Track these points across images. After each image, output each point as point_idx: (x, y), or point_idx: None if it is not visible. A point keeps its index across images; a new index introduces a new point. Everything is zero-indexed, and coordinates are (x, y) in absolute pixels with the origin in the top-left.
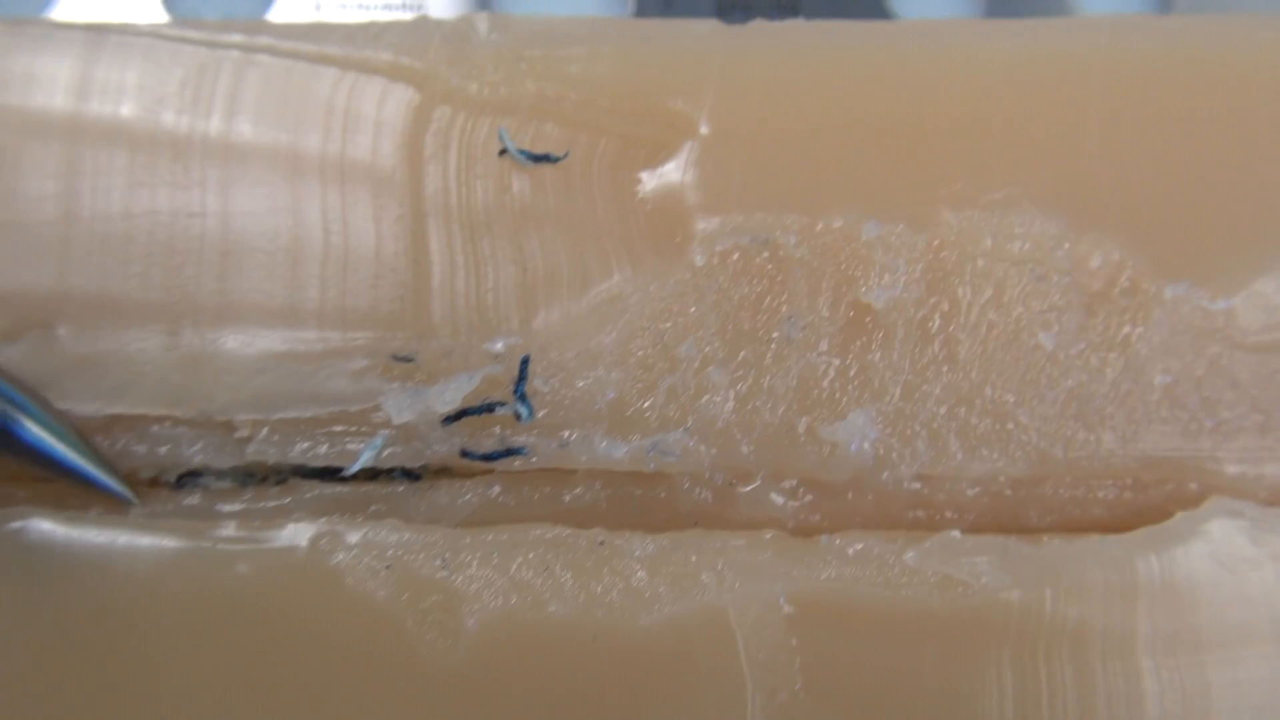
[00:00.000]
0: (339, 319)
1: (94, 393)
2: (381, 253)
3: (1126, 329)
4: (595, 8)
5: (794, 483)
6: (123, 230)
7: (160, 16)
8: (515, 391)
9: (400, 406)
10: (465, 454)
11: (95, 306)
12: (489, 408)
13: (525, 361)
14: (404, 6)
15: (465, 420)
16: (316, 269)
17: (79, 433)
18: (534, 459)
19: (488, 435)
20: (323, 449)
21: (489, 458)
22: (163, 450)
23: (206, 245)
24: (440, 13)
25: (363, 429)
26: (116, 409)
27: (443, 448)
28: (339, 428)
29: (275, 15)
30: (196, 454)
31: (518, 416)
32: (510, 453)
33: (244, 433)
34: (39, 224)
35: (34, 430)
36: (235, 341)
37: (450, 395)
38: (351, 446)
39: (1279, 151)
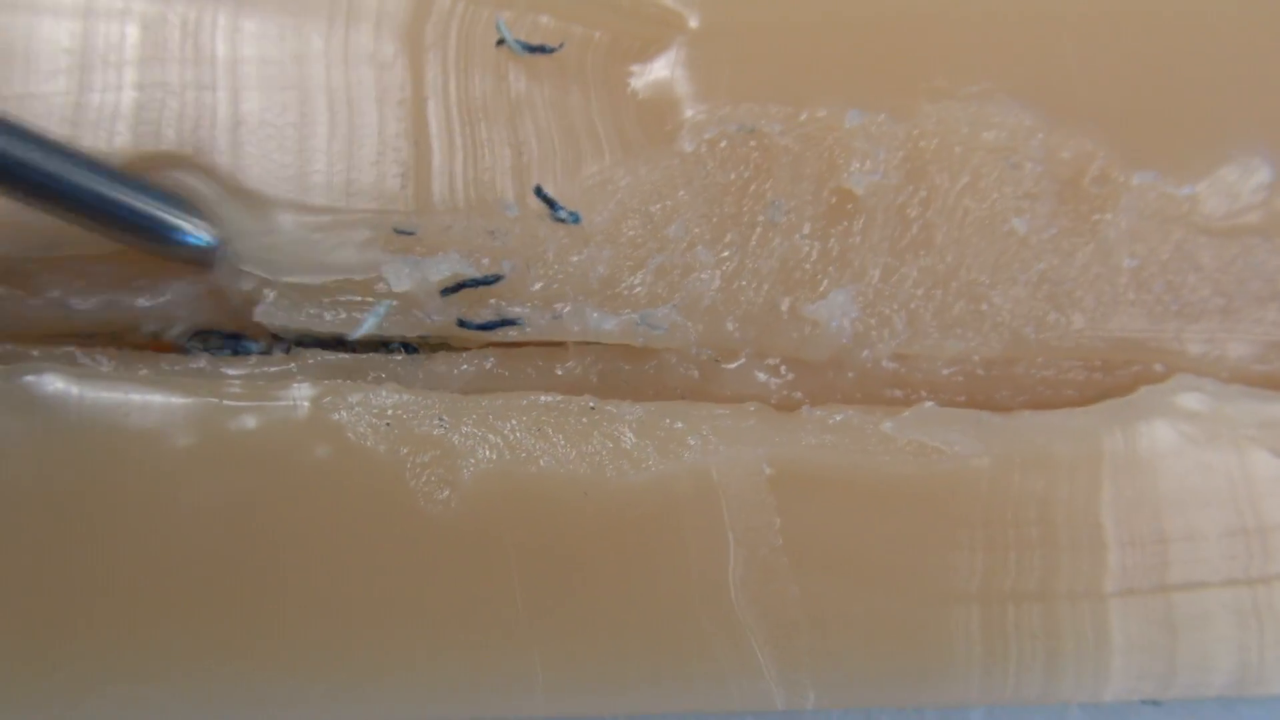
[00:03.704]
0: (344, 191)
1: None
2: (384, 133)
3: (1096, 215)
4: None
5: (777, 360)
6: (135, 99)
7: None
8: (554, 213)
9: (400, 275)
10: (463, 323)
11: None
12: (486, 280)
13: (540, 190)
14: None
15: (463, 292)
16: (323, 144)
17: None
18: (528, 329)
19: (484, 307)
20: (328, 315)
21: (485, 327)
22: (172, 305)
23: (218, 116)
24: None
25: (366, 299)
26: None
27: (441, 318)
28: (344, 296)
29: None
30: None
31: (569, 220)
32: (506, 323)
33: (252, 289)
34: (53, 94)
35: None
36: (245, 205)
37: (449, 266)
38: (356, 315)
39: (1241, 47)
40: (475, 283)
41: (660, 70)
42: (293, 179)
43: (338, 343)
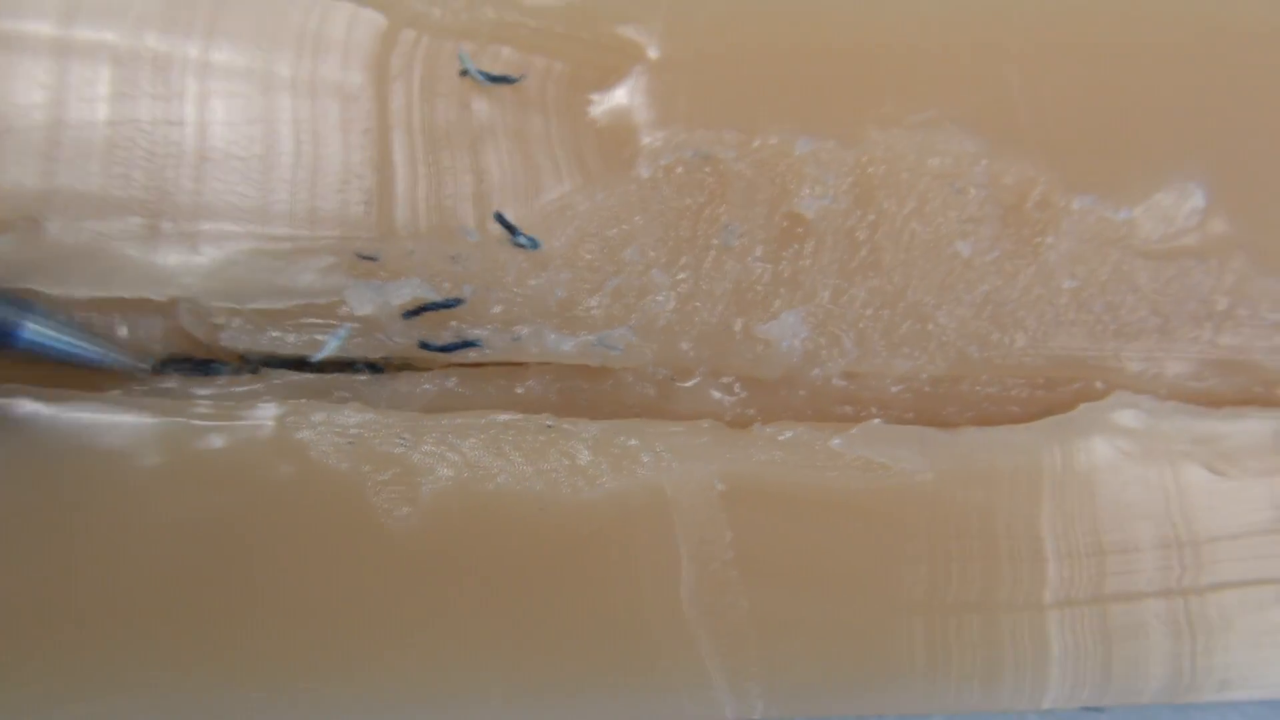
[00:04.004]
0: (308, 219)
1: (79, 280)
2: (349, 161)
3: (1038, 238)
4: None
5: (731, 379)
6: (106, 136)
7: None
8: (514, 238)
9: (362, 299)
10: (424, 345)
11: (80, 203)
12: (446, 304)
13: (500, 215)
14: None
15: (424, 316)
16: (287, 174)
17: (78, 322)
18: (488, 350)
19: (445, 329)
20: (291, 338)
21: (446, 349)
22: (142, 336)
23: (185, 150)
24: None
25: (329, 321)
26: (98, 294)
27: (403, 340)
28: (307, 320)
29: None
30: (168, 342)
31: (528, 245)
32: (466, 344)
33: (218, 320)
34: (28, 128)
35: (36, 329)
36: (211, 237)
37: (410, 290)
38: (319, 337)
39: (1177, 77)
40: (436, 306)
41: (619, 98)
42: (256, 209)
43: (304, 363)
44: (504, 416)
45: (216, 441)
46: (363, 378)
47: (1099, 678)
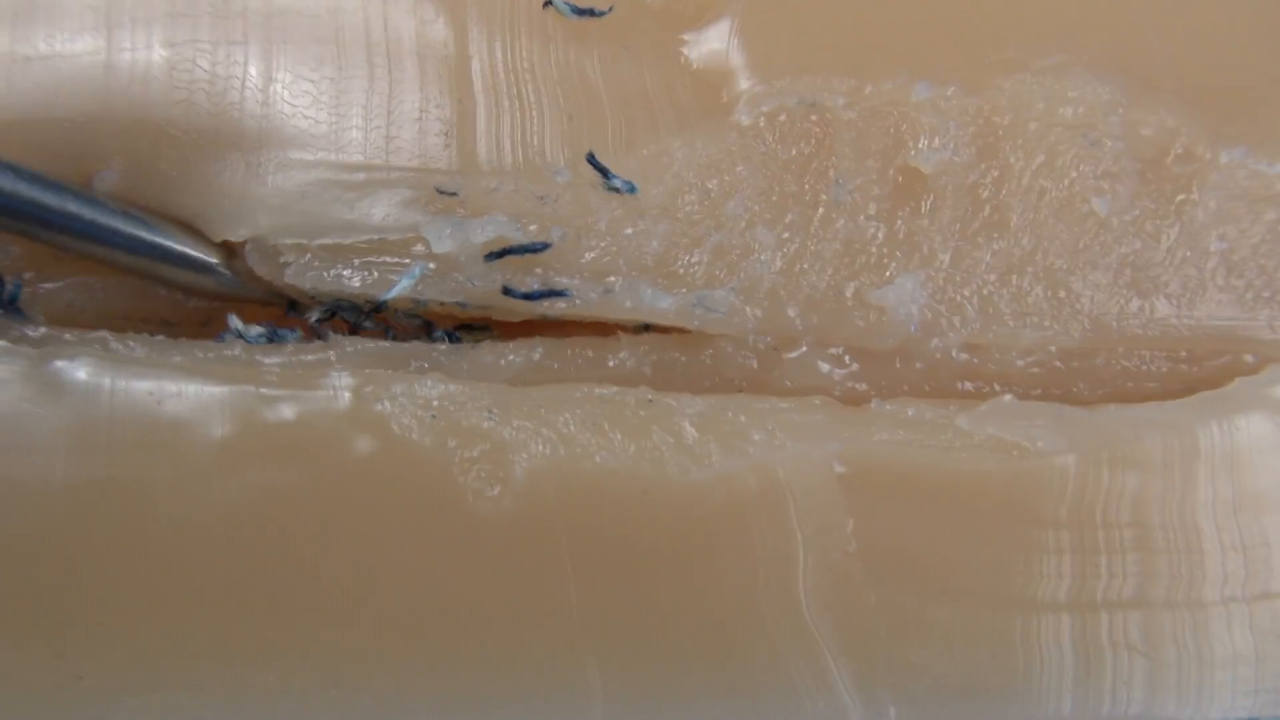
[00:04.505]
0: (383, 148)
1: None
2: (426, 90)
3: (1181, 195)
4: None
5: (840, 350)
6: (165, 59)
7: None
8: (608, 181)
9: (441, 235)
10: (508, 291)
11: (139, 134)
12: (533, 248)
13: (592, 157)
14: None
15: (508, 260)
16: (360, 99)
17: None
18: (578, 302)
19: (531, 276)
20: (359, 278)
21: (531, 297)
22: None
23: (250, 73)
24: None
25: (402, 260)
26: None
27: (483, 284)
28: (378, 258)
29: None
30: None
31: (624, 189)
32: (553, 294)
33: (287, 258)
34: (81, 54)
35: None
36: (280, 166)
37: (494, 228)
38: (391, 278)
39: None
40: (522, 249)
41: (714, 39)
42: (328, 136)
43: (374, 310)
44: (600, 390)
45: (288, 412)
46: (442, 347)
47: (1276, 684)
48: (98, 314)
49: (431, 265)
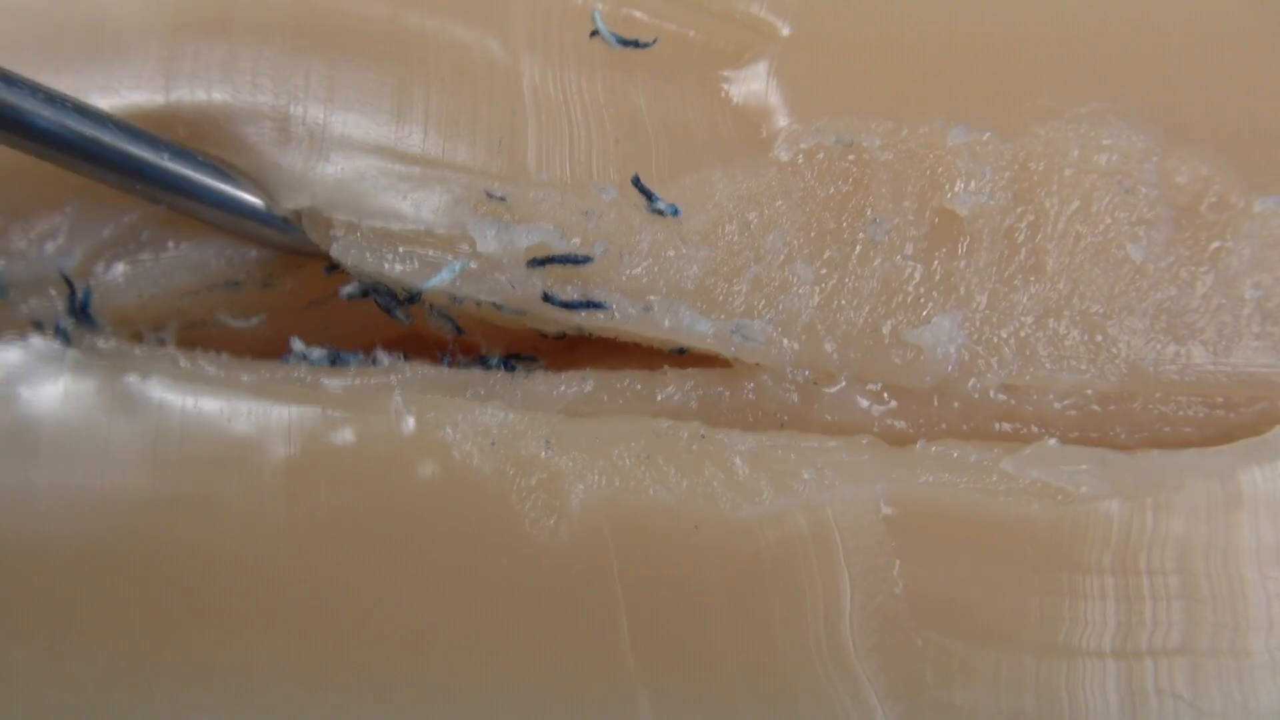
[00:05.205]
0: (440, 147)
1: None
2: (480, 100)
3: (1216, 242)
4: None
5: (878, 386)
6: (228, 51)
7: None
8: (651, 204)
9: (487, 236)
10: (547, 298)
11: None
12: (575, 259)
13: (637, 179)
14: None
15: (550, 268)
16: (421, 101)
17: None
18: (617, 315)
19: (571, 286)
20: (401, 266)
21: (571, 305)
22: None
23: (314, 66)
24: None
25: (445, 255)
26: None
27: (523, 288)
28: (423, 249)
29: None
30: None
31: (668, 212)
32: (592, 305)
33: (337, 232)
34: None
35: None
36: (342, 147)
37: (538, 235)
38: (431, 271)
39: None
40: (564, 259)
41: (755, 77)
42: (388, 128)
43: (411, 299)
44: (653, 423)
45: (352, 435)
46: (497, 375)
47: None
48: (164, 308)
49: (473, 264)
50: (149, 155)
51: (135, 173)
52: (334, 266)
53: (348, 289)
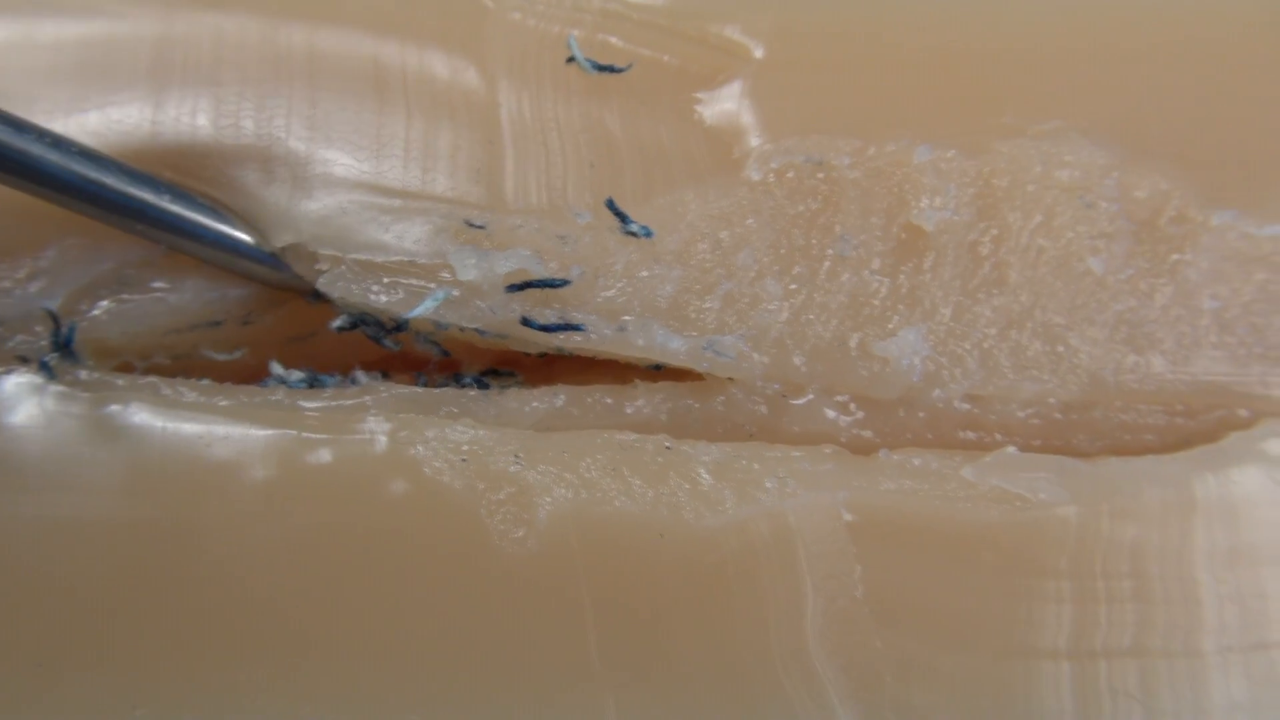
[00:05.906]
0: (419, 179)
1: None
2: (459, 130)
3: (1175, 255)
4: None
5: (846, 398)
6: (213, 93)
7: None
8: (625, 226)
9: (466, 264)
10: (526, 322)
11: (186, 153)
12: (552, 283)
13: (611, 203)
14: None
15: (529, 292)
16: (400, 133)
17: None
18: (593, 336)
19: (549, 310)
20: (386, 296)
21: (549, 329)
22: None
23: (295, 103)
24: None
25: (428, 285)
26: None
27: (503, 314)
28: (407, 279)
29: None
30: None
31: (641, 233)
32: (570, 327)
33: (323, 265)
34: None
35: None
36: (325, 184)
37: (516, 261)
38: (415, 300)
39: None
40: (542, 284)
41: (727, 98)
42: (369, 163)
43: (398, 327)
44: (621, 436)
45: (328, 455)
46: (471, 393)
47: None
48: (149, 344)
49: (455, 291)
50: (150, 197)
51: (137, 213)
52: (319, 296)
53: (337, 322)
